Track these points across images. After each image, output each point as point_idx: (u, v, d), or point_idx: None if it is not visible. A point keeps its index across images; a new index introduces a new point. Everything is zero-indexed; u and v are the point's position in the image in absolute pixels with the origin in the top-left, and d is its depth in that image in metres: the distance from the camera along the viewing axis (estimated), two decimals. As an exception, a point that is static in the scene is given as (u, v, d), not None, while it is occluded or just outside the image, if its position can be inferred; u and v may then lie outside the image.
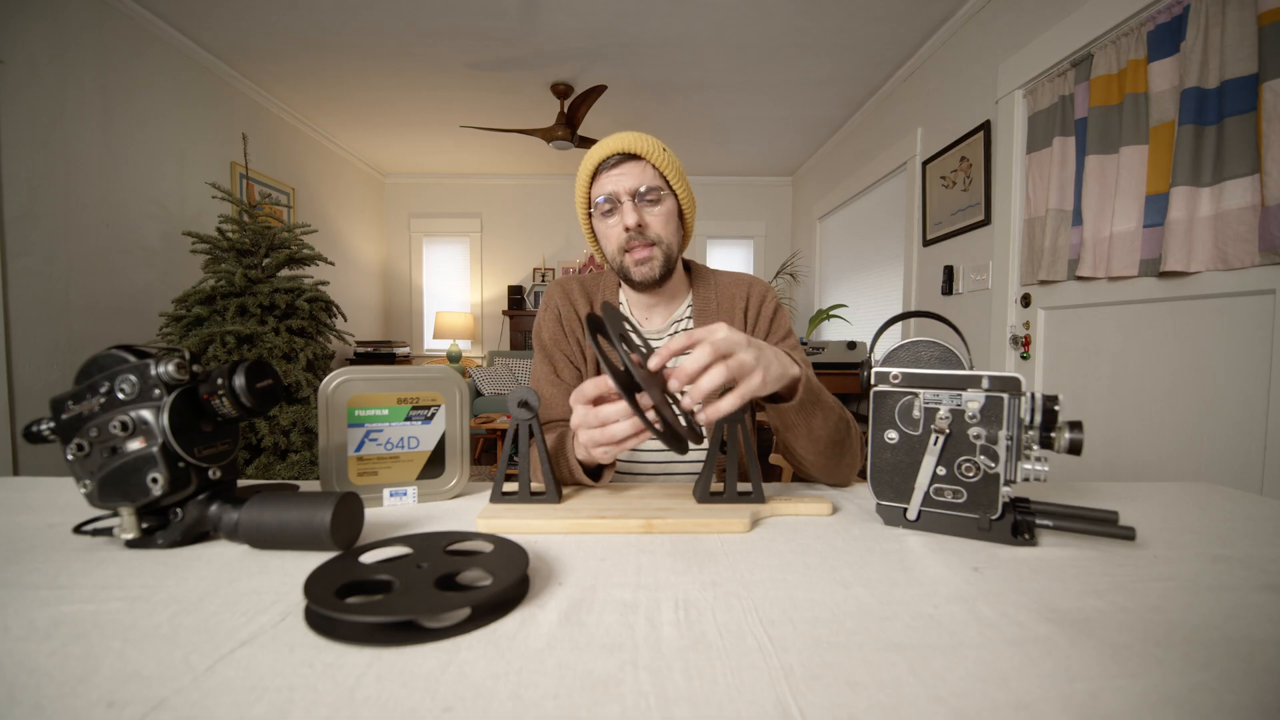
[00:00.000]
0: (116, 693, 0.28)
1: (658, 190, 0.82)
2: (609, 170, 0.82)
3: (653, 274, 0.83)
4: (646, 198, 0.82)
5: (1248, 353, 1.39)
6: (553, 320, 0.93)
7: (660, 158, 0.81)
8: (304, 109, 3.62)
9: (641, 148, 0.80)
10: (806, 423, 0.68)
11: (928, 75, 2.78)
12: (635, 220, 0.81)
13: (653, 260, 0.83)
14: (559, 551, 0.48)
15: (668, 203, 0.84)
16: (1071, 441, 0.47)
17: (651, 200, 0.82)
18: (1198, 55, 1.44)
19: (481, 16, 2.56)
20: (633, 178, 0.81)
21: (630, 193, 0.81)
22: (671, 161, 0.83)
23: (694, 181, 4.94)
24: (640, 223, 0.81)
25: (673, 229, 0.85)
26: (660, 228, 0.83)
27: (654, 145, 0.81)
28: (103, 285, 2.35)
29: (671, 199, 0.85)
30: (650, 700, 0.28)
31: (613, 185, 0.82)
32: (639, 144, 0.80)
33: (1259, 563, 0.45)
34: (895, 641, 0.33)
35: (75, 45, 2.21)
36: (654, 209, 0.83)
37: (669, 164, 0.82)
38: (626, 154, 0.81)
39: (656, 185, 0.82)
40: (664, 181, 0.83)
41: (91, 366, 0.47)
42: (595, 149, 0.83)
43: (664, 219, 0.83)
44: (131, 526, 0.46)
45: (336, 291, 3.10)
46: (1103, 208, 1.71)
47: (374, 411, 0.63)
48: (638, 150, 0.80)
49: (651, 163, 0.81)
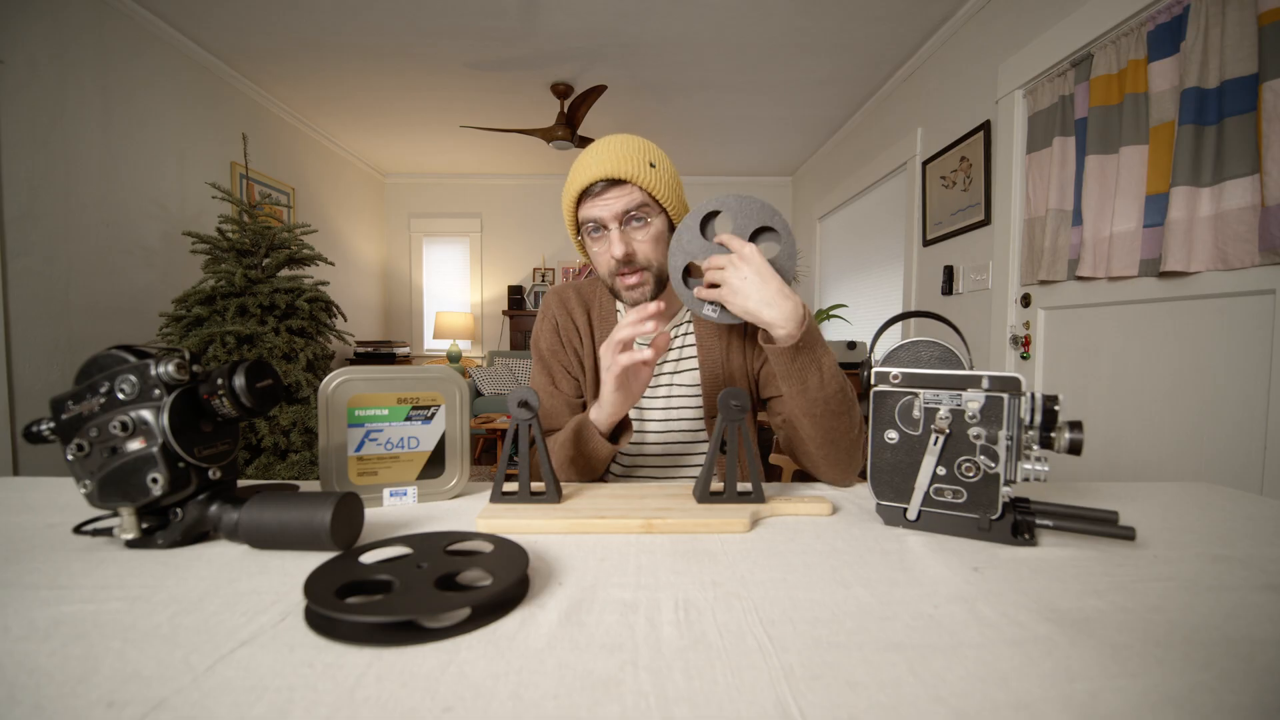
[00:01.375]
0: (116, 693, 0.28)
1: (645, 211, 0.79)
2: (594, 197, 0.78)
3: (644, 298, 0.82)
4: (634, 221, 0.79)
5: (1248, 353, 1.39)
6: (550, 330, 0.92)
7: (647, 177, 0.77)
8: (304, 109, 3.62)
9: (625, 171, 0.76)
10: (800, 375, 0.70)
11: (928, 75, 2.78)
12: (623, 251, 0.78)
13: (644, 285, 0.81)
14: (559, 551, 0.48)
15: (656, 223, 0.80)
16: (1071, 441, 0.47)
17: (639, 223, 0.79)
18: (1198, 55, 1.44)
19: (481, 16, 2.56)
20: (619, 202, 0.77)
21: (616, 218, 0.78)
22: (660, 176, 0.78)
23: (694, 181, 4.94)
24: (628, 252, 0.79)
25: (663, 248, 0.81)
26: (650, 252, 0.80)
27: (639, 164, 0.77)
28: (103, 285, 2.35)
29: (661, 217, 0.81)
30: (650, 700, 0.28)
31: (598, 212, 0.78)
32: (624, 166, 0.76)
33: (1259, 563, 0.45)
34: (895, 641, 0.33)
35: (75, 45, 2.21)
36: (641, 233, 0.80)
37: (656, 181, 0.78)
38: (611, 179, 0.77)
39: (644, 205, 0.78)
40: (652, 200, 0.79)
41: (91, 366, 0.47)
42: (578, 171, 0.79)
43: (653, 242, 0.80)
44: (131, 526, 0.46)
45: (336, 291, 3.09)
46: (1103, 208, 1.71)
47: (374, 411, 0.63)
48: (623, 174, 0.76)
49: (638, 184, 0.77)
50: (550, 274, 5.04)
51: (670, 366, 0.90)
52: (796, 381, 0.70)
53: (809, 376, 0.70)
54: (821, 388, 0.70)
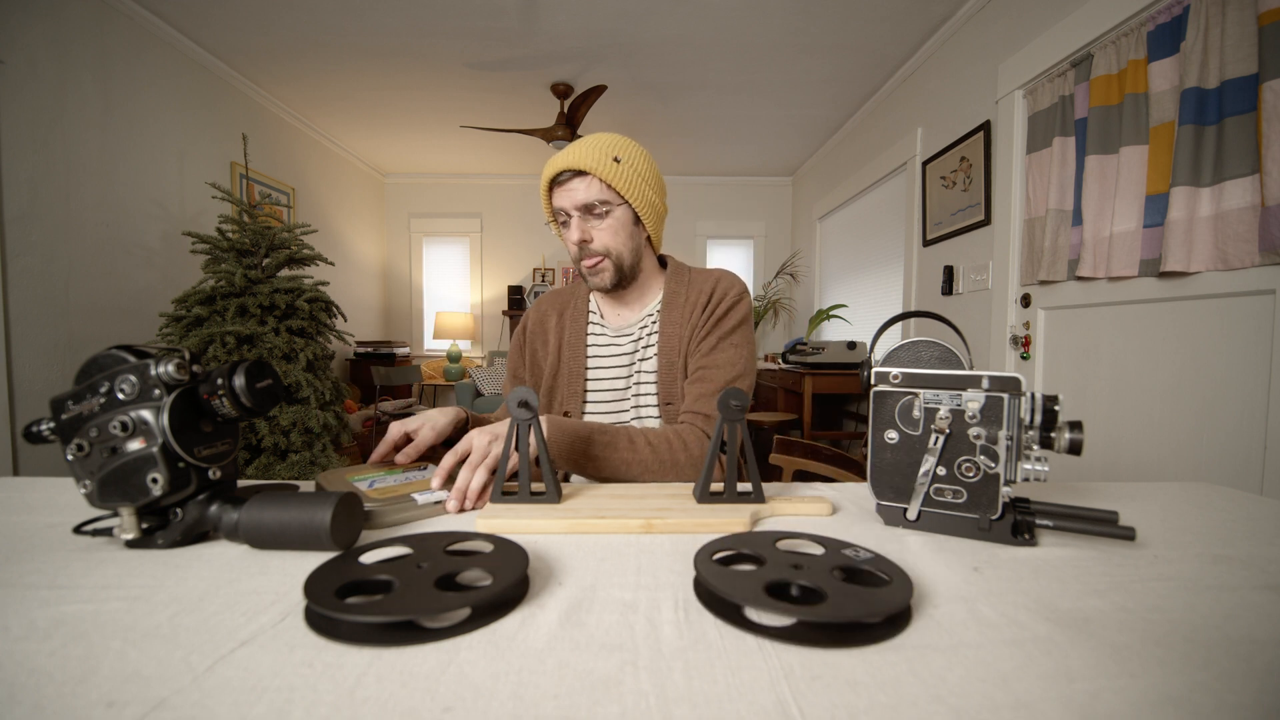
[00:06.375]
0: (116, 693, 0.28)
1: (604, 204, 0.85)
2: (559, 186, 0.86)
3: (604, 283, 0.89)
4: (594, 212, 0.85)
5: (1248, 353, 1.39)
6: (518, 333, 1.02)
7: (608, 170, 0.83)
8: (304, 109, 3.62)
9: (587, 163, 0.82)
10: (594, 470, 0.76)
11: (928, 75, 2.78)
12: (579, 236, 0.85)
13: (603, 271, 0.88)
14: (559, 551, 0.48)
15: (617, 213, 0.86)
16: (1071, 441, 0.47)
17: (599, 214, 0.86)
18: (1198, 55, 1.44)
19: (481, 16, 2.56)
20: (579, 193, 0.84)
21: (577, 207, 0.85)
22: (624, 171, 0.84)
23: (694, 181, 4.94)
24: (584, 238, 0.85)
25: (623, 239, 0.88)
26: (608, 239, 0.86)
27: (602, 157, 0.83)
28: (103, 285, 2.35)
29: (623, 209, 0.87)
30: (650, 700, 0.28)
31: (560, 201, 0.86)
32: (586, 159, 0.82)
33: (1259, 563, 0.45)
34: (895, 641, 0.33)
35: (75, 45, 2.21)
36: (600, 222, 0.86)
37: (618, 174, 0.84)
38: (574, 170, 0.84)
39: (603, 199, 0.85)
40: (613, 193, 0.85)
41: (91, 366, 0.47)
42: (550, 162, 0.86)
43: (612, 231, 0.86)
44: (131, 526, 0.46)
45: (336, 291, 3.10)
46: (1103, 208, 1.71)
47: (370, 474, 0.67)
48: (584, 166, 0.83)
49: (598, 176, 0.83)
50: (550, 274, 5.04)
51: (639, 354, 0.94)
52: (591, 472, 0.77)
53: (588, 468, 0.76)
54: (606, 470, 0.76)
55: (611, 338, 0.96)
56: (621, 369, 0.93)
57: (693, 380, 0.87)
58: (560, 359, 0.96)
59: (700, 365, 0.87)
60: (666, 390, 0.89)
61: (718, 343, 0.88)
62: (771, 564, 0.41)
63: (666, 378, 0.89)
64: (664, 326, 0.91)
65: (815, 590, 0.37)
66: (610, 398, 0.93)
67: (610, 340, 0.95)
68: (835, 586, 0.37)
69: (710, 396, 0.84)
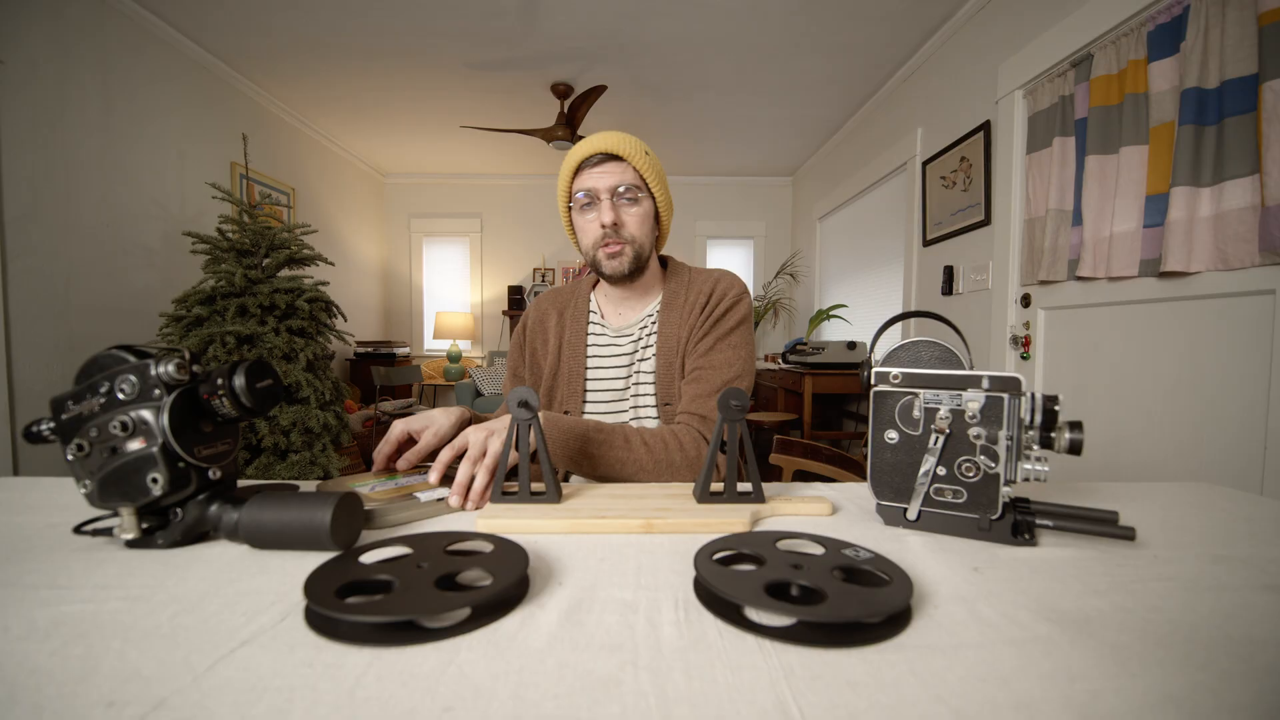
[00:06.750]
0: (116, 693, 0.28)
1: (636, 191, 0.86)
2: (591, 168, 0.86)
3: (622, 269, 0.88)
4: (625, 197, 0.86)
5: (1248, 353, 1.39)
6: (518, 332, 1.02)
7: (641, 160, 0.85)
8: (304, 109, 3.62)
9: (624, 149, 0.84)
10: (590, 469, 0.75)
11: (928, 75, 2.78)
12: (612, 219, 0.85)
13: (623, 256, 0.88)
14: (559, 551, 0.48)
15: (645, 204, 0.88)
16: (1071, 441, 0.47)
17: (629, 200, 0.86)
18: (1198, 55, 1.44)
19: (481, 16, 2.56)
20: (613, 177, 0.85)
21: (610, 190, 0.85)
22: (652, 165, 0.87)
23: (694, 181, 4.94)
24: (616, 221, 0.85)
25: (647, 229, 0.89)
26: (635, 227, 0.87)
27: (636, 147, 0.85)
28: (103, 285, 2.35)
29: (649, 200, 0.89)
30: (650, 700, 0.28)
31: (593, 182, 0.85)
32: (622, 145, 0.84)
33: (1259, 563, 0.45)
34: (895, 641, 0.33)
35: (75, 45, 2.21)
36: (631, 209, 0.87)
37: (649, 167, 0.86)
38: (609, 154, 0.84)
39: (635, 185, 0.86)
40: (643, 183, 0.87)
41: (91, 366, 0.47)
42: (580, 145, 0.86)
43: (639, 219, 0.87)
44: (131, 526, 0.46)
45: (336, 291, 3.09)
46: (1103, 208, 1.71)
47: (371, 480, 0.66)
48: (620, 151, 0.84)
49: (633, 164, 0.85)
50: (550, 274, 5.04)
51: (639, 355, 0.94)
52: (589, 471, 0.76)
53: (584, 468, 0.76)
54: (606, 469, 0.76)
55: (612, 338, 0.96)
56: (621, 369, 0.93)
57: (689, 380, 0.87)
58: (560, 358, 0.96)
59: (697, 366, 0.87)
60: (664, 390, 0.89)
61: (715, 343, 0.88)
62: (771, 564, 0.41)
63: (664, 378, 0.89)
64: (663, 327, 0.91)
65: (815, 590, 0.37)
66: (609, 398, 0.93)
67: (610, 340, 0.96)
68: (835, 586, 0.37)
69: (706, 397, 0.84)
